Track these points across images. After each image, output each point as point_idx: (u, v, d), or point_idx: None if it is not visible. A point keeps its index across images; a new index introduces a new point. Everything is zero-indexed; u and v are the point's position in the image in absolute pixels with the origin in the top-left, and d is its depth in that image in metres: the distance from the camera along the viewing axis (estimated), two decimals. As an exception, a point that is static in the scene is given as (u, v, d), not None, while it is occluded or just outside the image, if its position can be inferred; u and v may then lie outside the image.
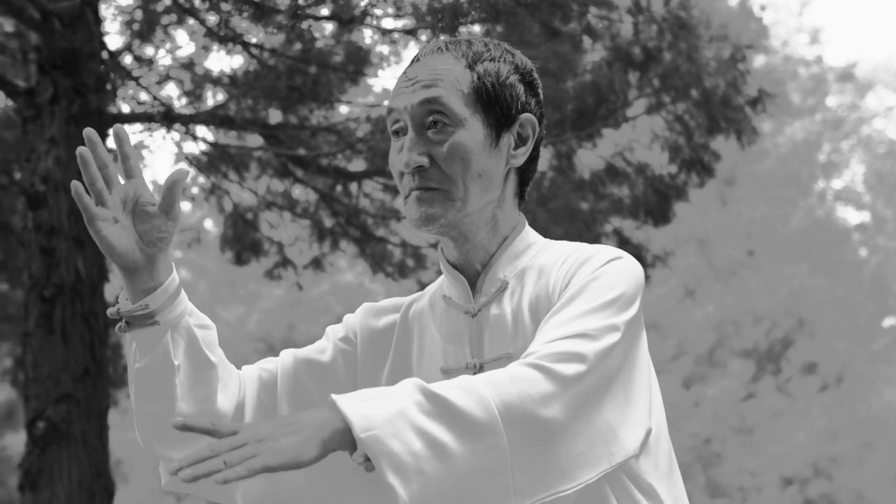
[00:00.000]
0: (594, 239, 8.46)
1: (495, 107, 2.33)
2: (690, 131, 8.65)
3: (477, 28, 7.21)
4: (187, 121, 8.43)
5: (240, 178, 9.71)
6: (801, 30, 38.93)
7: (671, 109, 8.62)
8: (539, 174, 8.72)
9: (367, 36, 8.15)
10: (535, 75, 2.42)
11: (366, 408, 1.95)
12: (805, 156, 30.26)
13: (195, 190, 9.99)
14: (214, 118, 8.43)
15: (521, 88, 2.37)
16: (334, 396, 1.98)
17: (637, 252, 8.73)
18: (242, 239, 10.08)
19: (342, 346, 2.45)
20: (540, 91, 2.43)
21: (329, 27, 8.19)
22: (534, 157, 2.41)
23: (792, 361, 27.64)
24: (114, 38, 9.71)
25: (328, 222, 9.62)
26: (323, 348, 2.46)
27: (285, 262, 10.14)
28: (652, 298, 26.92)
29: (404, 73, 2.37)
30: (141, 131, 8.63)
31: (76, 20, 7.41)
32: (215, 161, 9.48)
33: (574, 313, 2.15)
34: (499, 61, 2.36)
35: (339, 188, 9.13)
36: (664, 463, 2.28)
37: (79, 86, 7.48)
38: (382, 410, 1.95)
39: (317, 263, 10.05)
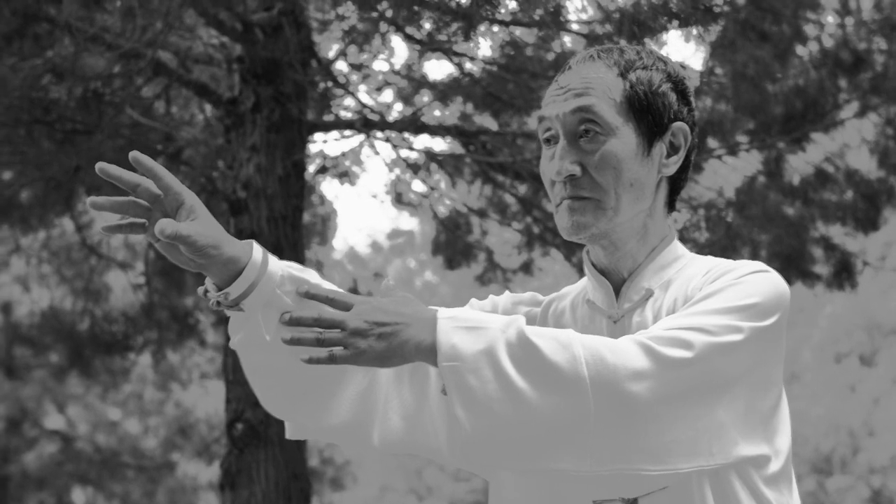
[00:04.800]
0: (800, 245, 8.30)
1: (648, 115, 2.31)
2: (901, 136, 8.41)
3: (665, 36, 7.13)
4: (385, 127, 8.51)
5: (452, 183, 9.79)
6: None
7: (881, 113, 8.39)
8: (748, 179, 8.58)
9: (569, 42, 8.13)
10: (688, 83, 2.40)
11: (458, 337, 2.02)
12: None
13: (412, 196, 10.11)
14: (413, 125, 8.49)
15: (673, 97, 2.34)
16: (440, 315, 2.07)
17: (845, 258, 8.54)
18: (454, 244, 10.14)
19: None
20: (692, 99, 2.40)
21: (528, 32, 8.19)
22: (685, 166, 2.38)
23: None
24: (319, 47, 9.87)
25: (536, 228, 9.63)
26: None
27: (494, 267, 10.18)
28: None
29: (555, 80, 2.36)
30: (346, 137, 8.76)
31: (277, 30, 7.55)
32: (426, 167, 9.57)
33: (700, 310, 2.14)
34: (651, 69, 2.34)
35: (541, 193, 9.12)
36: (786, 475, 2.26)
37: (279, 95, 7.62)
38: (472, 345, 2.01)
39: (526, 268, 10.06)
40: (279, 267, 2.20)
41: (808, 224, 8.49)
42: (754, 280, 2.19)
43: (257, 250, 2.20)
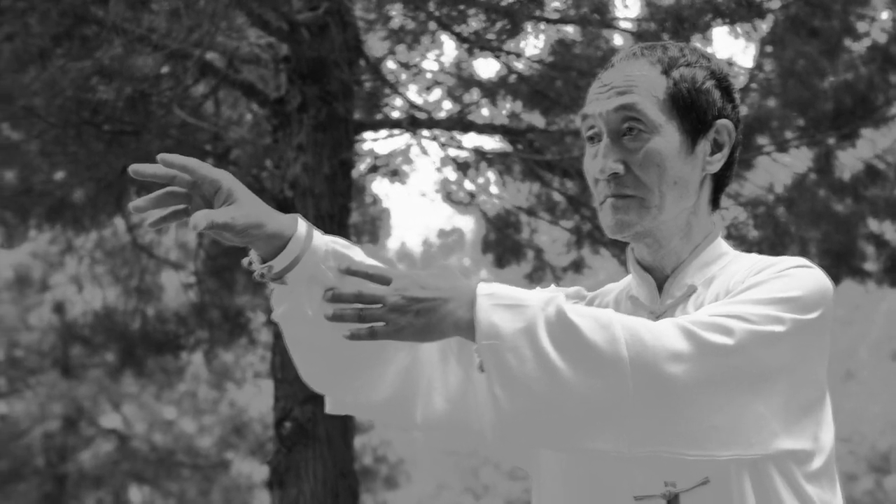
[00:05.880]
0: (850, 242, 8.26)
1: (691, 113, 2.30)
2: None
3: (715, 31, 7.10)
4: (432, 126, 8.52)
5: (502, 182, 9.80)
6: None
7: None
8: (798, 176, 8.55)
9: (619, 39, 8.12)
10: (731, 80, 2.39)
11: (498, 316, 2.02)
12: None
13: (462, 194, 10.12)
14: (460, 123, 8.50)
15: (717, 94, 2.33)
16: (479, 291, 2.06)
17: (892, 254, 8.49)
18: (503, 242, 10.15)
19: None
20: (736, 96, 2.39)
21: (576, 30, 8.18)
22: (730, 163, 2.37)
23: None
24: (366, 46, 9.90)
25: (585, 226, 9.61)
26: None
27: (544, 265, 10.17)
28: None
29: (598, 78, 2.36)
30: (394, 136, 8.78)
31: (324, 30, 7.57)
32: (475, 165, 9.58)
33: (742, 299, 2.14)
34: (694, 66, 2.33)
35: (589, 191, 9.10)
36: (828, 473, 2.24)
37: (325, 94, 7.63)
38: (511, 323, 2.01)
39: (576, 266, 10.05)
40: (324, 242, 2.20)
41: (858, 220, 8.45)
42: (798, 274, 2.19)
43: (302, 225, 2.19)
